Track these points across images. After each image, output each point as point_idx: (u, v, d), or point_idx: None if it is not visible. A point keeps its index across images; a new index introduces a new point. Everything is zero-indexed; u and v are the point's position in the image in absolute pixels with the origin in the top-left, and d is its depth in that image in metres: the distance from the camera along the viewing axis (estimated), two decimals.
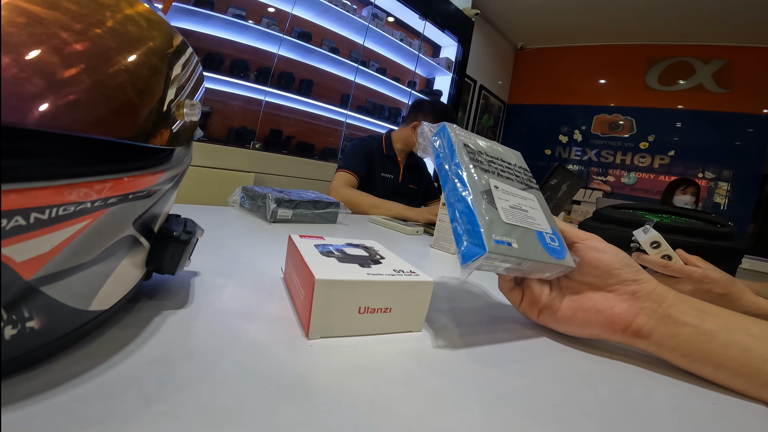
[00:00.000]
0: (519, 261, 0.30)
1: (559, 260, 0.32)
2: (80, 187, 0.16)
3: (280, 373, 0.23)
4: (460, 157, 0.34)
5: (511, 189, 0.34)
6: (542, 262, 0.31)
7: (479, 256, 0.28)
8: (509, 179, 0.36)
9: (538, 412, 0.23)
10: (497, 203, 0.32)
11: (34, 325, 0.17)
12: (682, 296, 0.32)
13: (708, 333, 0.29)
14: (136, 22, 0.21)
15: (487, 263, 0.29)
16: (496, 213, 0.31)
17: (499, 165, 0.36)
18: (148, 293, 0.30)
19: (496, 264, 0.30)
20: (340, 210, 0.79)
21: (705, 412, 0.26)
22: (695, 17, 3.24)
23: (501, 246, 0.28)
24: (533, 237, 0.32)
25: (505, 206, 0.32)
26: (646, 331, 0.31)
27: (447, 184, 0.33)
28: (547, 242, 0.32)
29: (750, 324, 0.30)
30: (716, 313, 0.31)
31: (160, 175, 0.22)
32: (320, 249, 0.35)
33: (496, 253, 0.28)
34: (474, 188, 0.32)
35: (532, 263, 0.31)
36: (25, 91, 0.14)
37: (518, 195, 0.35)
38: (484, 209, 0.30)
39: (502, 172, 0.36)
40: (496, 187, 0.33)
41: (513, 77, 4.61)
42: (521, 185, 0.36)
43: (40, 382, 0.18)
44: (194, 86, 0.26)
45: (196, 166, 1.70)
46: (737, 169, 3.49)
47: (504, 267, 0.31)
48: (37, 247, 0.16)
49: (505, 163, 0.37)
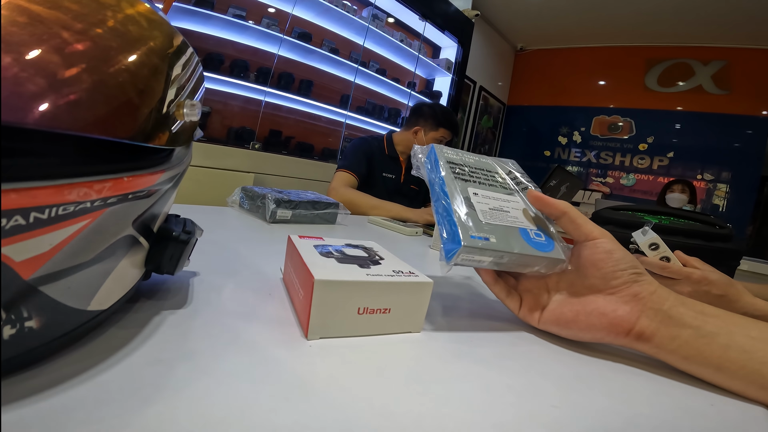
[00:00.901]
0: (500, 254, 0.32)
1: (545, 253, 0.34)
2: (80, 186, 0.16)
3: (279, 374, 0.23)
4: (444, 171, 0.38)
5: (492, 194, 0.38)
6: (525, 254, 0.33)
7: (456, 250, 0.31)
8: (492, 186, 0.39)
9: (537, 413, 0.23)
10: (476, 207, 0.35)
11: (32, 325, 0.17)
12: (682, 298, 0.32)
13: (708, 335, 0.29)
14: (137, 22, 0.21)
15: (467, 257, 0.32)
16: (474, 214, 0.34)
17: (482, 175, 0.40)
18: (147, 293, 0.30)
19: (476, 258, 0.32)
20: (339, 211, 0.79)
21: (703, 413, 0.26)
22: (695, 19, 3.25)
23: (478, 241, 0.31)
24: (515, 233, 0.34)
25: (485, 209, 0.35)
26: (648, 334, 0.31)
27: (433, 195, 0.38)
28: (531, 237, 0.34)
29: (749, 326, 0.30)
30: (716, 315, 0.31)
31: (159, 175, 0.22)
32: (319, 250, 0.35)
33: (473, 247, 0.31)
34: (453, 195, 0.35)
35: (513, 256, 0.33)
36: (25, 91, 0.14)
37: (500, 199, 0.37)
38: (462, 212, 0.34)
39: (485, 181, 0.39)
40: (475, 194, 0.37)
41: (513, 78, 4.61)
42: (506, 190, 0.39)
43: (38, 381, 0.18)
44: (194, 86, 0.26)
45: (195, 166, 1.70)
46: (736, 170, 3.50)
47: (486, 261, 0.33)
48: (36, 247, 0.16)
49: (489, 173, 0.41)
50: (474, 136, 4.13)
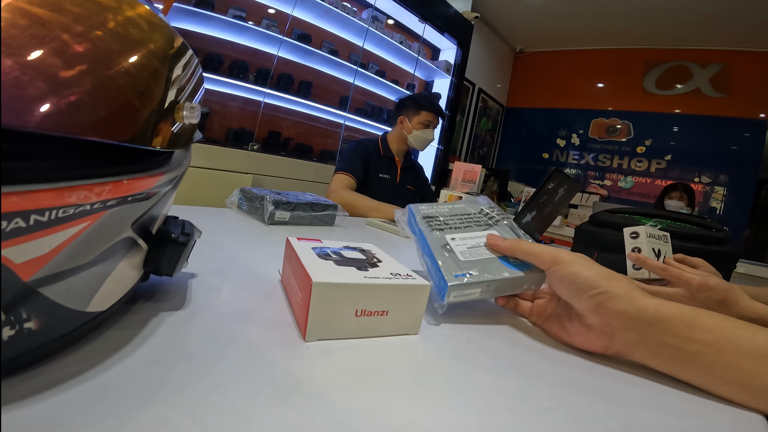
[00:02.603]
0: (485, 284, 0.36)
1: (526, 271, 0.37)
2: (80, 189, 0.17)
3: (277, 376, 0.23)
4: (422, 226, 0.43)
5: (469, 235, 0.42)
6: (508, 278, 0.36)
7: (445, 291, 0.35)
8: (468, 227, 0.44)
9: (533, 414, 0.24)
10: (455, 249, 0.40)
11: (32, 326, 0.17)
12: (666, 309, 0.30)
13: (692, 354, 0.28)
14: (138, 25, 0.21)
15: (458, 293, 0.35)
16: (455, 256, 0.38)
17: (457, 220, 0.44)
18: (146, 295, 0.30)
19: (467, 292, 0.35)
20: (337, 212, 0.80)
21: (696, 416, 0.27)
22: (693, 22, 3.26)
23: (461, 278, 0.35)
24: (495, 262, 0.38)
25: (463, 249, 0.39)
26: (626, 352, 0.31)
27: (418, 250, 0.43)
28: (511, 262, 0.38)
29: (745, 338, 0.28)
30: (707, 330, 0.29)
31: (159, 177, 0.22)
32: (317, 252, 0.35)
33: (458, 284, 0.35)
34: (435, 245, 0.40)
35: (498, 282, 0.36)
36: (26, 94, 0.14)
37: (477, 237, 0.42)
38: (444, 257, 0.38)
39: (460, 225, 0.44)
40: (452, 239, 0.41)
41: (511, 80, 4.62)
42: (481, 227, 0.44)
43: (37, 382, 0.18)
44: (194, 88, 0.26)
45: (194, 167, 1.70)
46: (733, 173, 3.51)
47: (476, 292, 0.36)
48: (36, 249, 0.16)
49: (463, 216, 0.45)
50: (473, 138, 4.14)
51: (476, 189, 1.28)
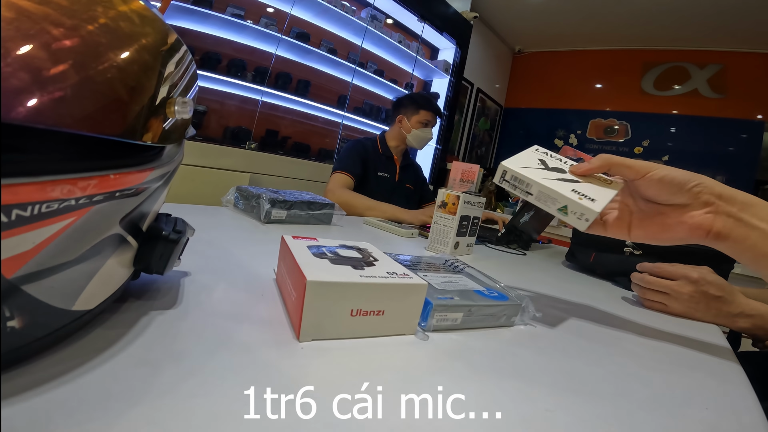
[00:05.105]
0: (466, 308, 0.35)
1: (503, 301, 0.38)
2: (63, 183, 0.16)
3: (270, 376, 0.23)
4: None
5: (442, 276, 0.43)
6: (484, 305, 0.37)
7: (430, 308, 0.33)
8: (444, 270, 0.46)
9: (531, 417, 0.23)
10: (431, 281, 0.39)
11: (15, 325, 0.17)
12: (750, 201, 0.36)
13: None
14: (129, 19, 0.21)
15: (441, 315, 0.34)
16: (433, 287, 0.37)
17: (430, 268, 0.45)
18: (136, 293, 0.30)
19: (448, 315, 0.35)
20: (334, 211, 0.79)
21: (697, 418, 0.26)
22: (691, 22, 3.27)
23: (443, 300, 0.35)
24: (470, 293, 0.38)
25: (437, 282, 0.39)
26: (724, 234, 0.36)
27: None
28: (486, 294, 0.39)
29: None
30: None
31: (148, 173, 0.22)
32: (313, 250, 0.34)
33: (441, 305, 0.34)
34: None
35: (477, 307, 0.36)
36: (8, 86, 0.14)
37: (450, 280, 0.42)
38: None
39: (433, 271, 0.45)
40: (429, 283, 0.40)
41: (510, 81, 4.62)
42: (452, 274, 0.45)
43: (21, 381, 0.18)
44: (187, 84, 0.26)
45: (190, 165, 1.69)
46: (731, 174, 3.51)
47: (458, 317, 0.35)
48: (18, 245, 0.15)
49: (432, 266, 0.47)
50: (471, 138, 4.14)
51: (474, 189, 1.27)
